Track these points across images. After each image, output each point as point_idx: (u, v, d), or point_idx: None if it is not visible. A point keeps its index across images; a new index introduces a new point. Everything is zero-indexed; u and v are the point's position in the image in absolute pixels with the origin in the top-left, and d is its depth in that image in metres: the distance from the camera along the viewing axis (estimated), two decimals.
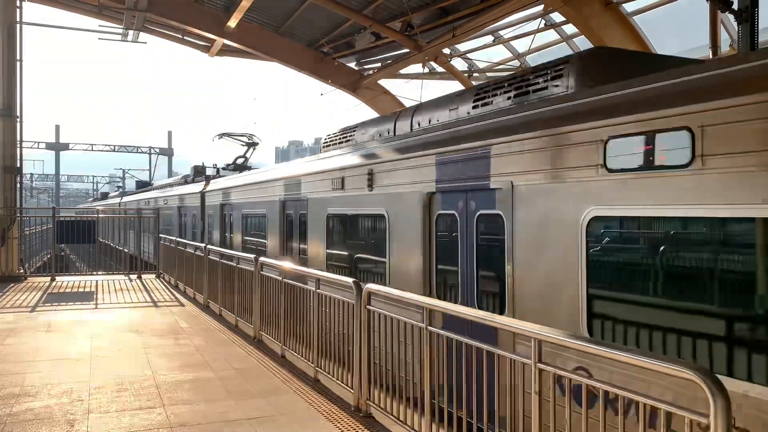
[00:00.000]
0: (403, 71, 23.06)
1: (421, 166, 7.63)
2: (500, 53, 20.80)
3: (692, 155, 4.29)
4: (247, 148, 22.60)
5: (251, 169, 20.56)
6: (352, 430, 5.51)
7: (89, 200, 71.57)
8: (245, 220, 15.68)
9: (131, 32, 22.64)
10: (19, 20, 17.63)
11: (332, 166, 10.35)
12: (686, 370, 2.86)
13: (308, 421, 5.74)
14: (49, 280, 16.64)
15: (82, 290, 14.85)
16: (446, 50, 20.57)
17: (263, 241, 14.05)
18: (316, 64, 24.28)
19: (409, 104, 24.28)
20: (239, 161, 22.47)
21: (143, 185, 43.37)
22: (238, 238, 16.23)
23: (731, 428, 2.73)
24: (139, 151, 67.44)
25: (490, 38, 19.84)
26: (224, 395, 6.51)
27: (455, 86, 21.91)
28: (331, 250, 10.43)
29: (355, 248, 9.68)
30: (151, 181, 49.36)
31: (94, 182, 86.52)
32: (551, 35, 18.40)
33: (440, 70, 21.56)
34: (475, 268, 6.80)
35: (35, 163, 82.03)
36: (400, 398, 5.47)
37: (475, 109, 7.54)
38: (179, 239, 16.07)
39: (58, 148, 66.82)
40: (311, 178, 11.27)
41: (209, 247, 12.58)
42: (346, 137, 11.33)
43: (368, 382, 5.86)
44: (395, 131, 9.48)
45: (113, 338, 9.35)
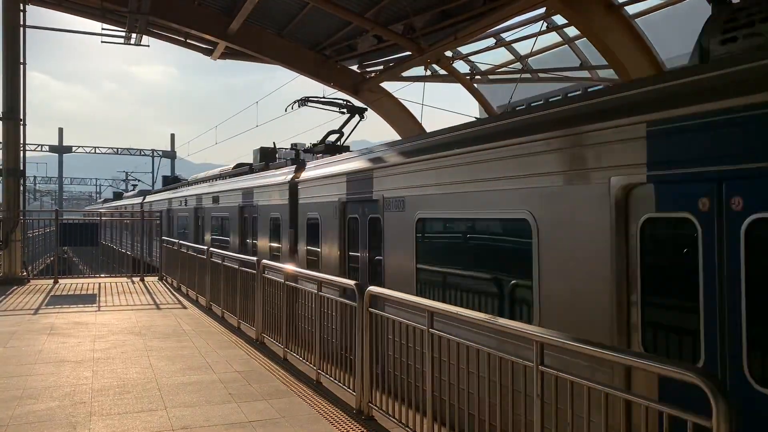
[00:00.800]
0: (405, 74, 23.04)
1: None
2: (503, 56, 20.78)
3: None
4: (348, 117, 15.73)
5: (348, 150, 13.60)
6: None
7: (99, 201, 67.73)
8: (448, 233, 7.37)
9: (134, 35, 22.67)
10: (22, 23, 17.69)
11: None
12: (689, 373, 2.86)
13: (310, 423, 5.74)
14: (51, 282, 16.67)
15: (84, 293, 14.87)
16: (448, 53, 20.54)
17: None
18: (317, 66, 24.28)
19: (410, 107, 24.34)
20: (331, 138, 15.50)
21: (172, 181, 37.42)
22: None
23: None
24: (142, 153, 67.57)
25: (492, 41, 19.82)
26: (226, 398, 6.51)
27: (458, 88, 21.91)
28: None
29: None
30: (175, 176, 42.40)
31: (97, 185, 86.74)
32: (554, 38, 18.40)
33: (442, 72, 21.54)
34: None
35: (38, 165, 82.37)
36: (402, 401, 5.47)
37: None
38: (181, 241, 16.03)
39: (61, 150, 66.93)
40: None
41: (211, 249, 12.59)
42: None
43: (370, 384, 5.86)
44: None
45: (115, 340, 9.36)
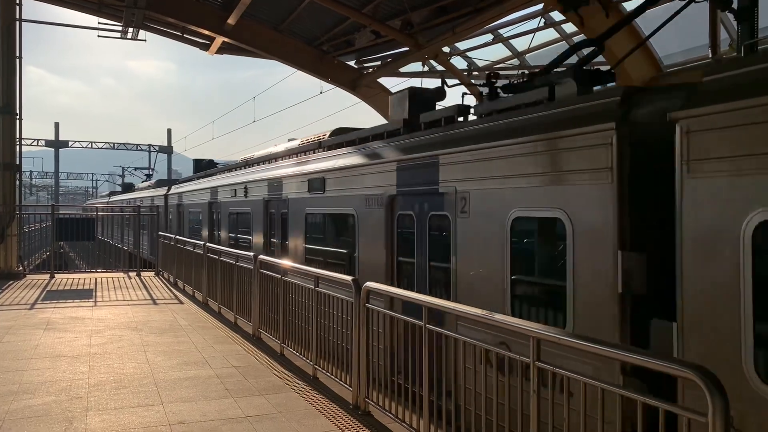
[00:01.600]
0: (402, 69, 23.02)
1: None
2: (500, 51, 20.78)
3: None
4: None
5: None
6: (350, 427, 5.51)
7: (104, 194, 62.81)
8: None
9: (131, 29, 22.59)
10: (18, 17, 17.62)
11: None
12: (685, 369, 2.86)
13: (307, 418, 5.74)
14: (48, 277, 16.64)
15: (81, 288, 14.85)
16: (446, 48, 20.52)
17: None
18: (315, 61, 24.23)
19: None
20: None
21: (208, 165, 25.64)
22: None
23: (730, 428, 2.73)
24: (138, 148, 67.34)
25: (489, 36, 19.81)
26: (223, 393, 6.51)
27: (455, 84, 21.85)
28: None
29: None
30: (209, 160, 27.98)
31: (93, 180, 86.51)
32: (551, 33, 18.39)
33: (440, 68, 21.52)
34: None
35: (34, 160, 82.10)
36: (398, 396, 5.48)
37: None
38: (177, 236, 16.01)
39: (57, 145, 66.70)
40: None
41: (208, 244, 12.58)
42: None
43: (367, 380, 5.86)
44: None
45: (112, 335, 9.35)
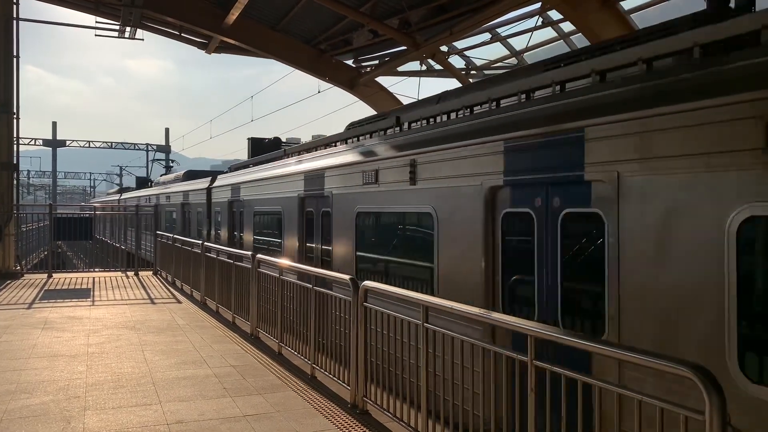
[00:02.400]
0: (400, 68, 23.04)
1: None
2: (498, 51, 20.81)
3: None
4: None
5: None
6: (348, 426, 5.52)
7: (112, 191, 56.33)
8: None
9: (128, 28, 22.58)
10: (15, 16, 17.58)
11: None
12: (682, 367, 2.87)
13: (305, 417, 5.74)
14: (45, 276, 16.62)
15: (79, 287, 14.83)
16: (444, 47, 20.55)
17: None
18: (313, 61, 24.25)
19: (406, 102, 24.30)
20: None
21: (273, 146, 20.15)
22: None
23: (726, 426, 2.73)
24: (136, 148, 67.32)
25: (487, 35, 19.83)
26: (221, 392, 6.51)
27: (453, 83, 21.93)
28: None
29: None
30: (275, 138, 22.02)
31: (91, 179, 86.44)
32: (549, 33, 18.42)
33: (438, 67, 21.55)
34: None
35: (32, 159, 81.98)
36: (396, 395, 5.48)
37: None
38: (176, 236, 16.02)
39: (54, 144, 66.64)
40: None
41: (206, 244, 12.58)
42: None
43: (365, 378, 5.87)
44: None
45: (110, 335, 9.34)
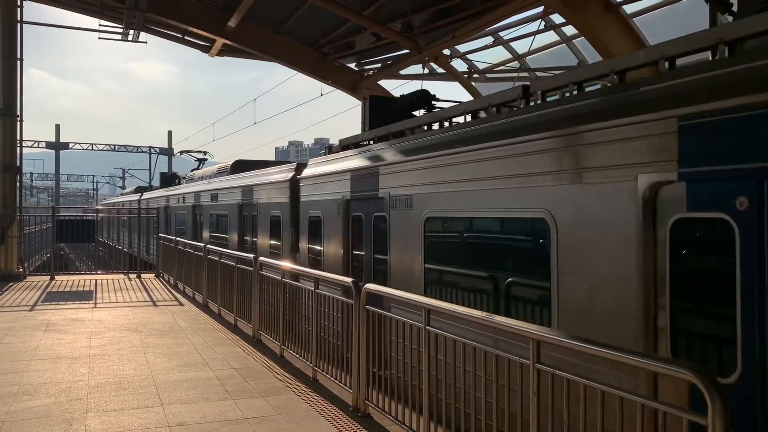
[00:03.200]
0: (403, 72, 23.05)
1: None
2: (500, 54, 20.82)
3: None
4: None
5: None
6: (350, 429, 5.51)
7: (127, 191, 44.69)
8: None
9: (132, 32, 22.63)
10: (19, 19, 17.64)
11: None
12: (685, 370, 2.86)
13: (307, 420, 5.74)
14: (48, 279, 16.65)
15: (81, 289, 14.85)
16: (446, 51, 20.56)
17: None
18: (316, 64, 24.28)
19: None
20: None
21: (417, 102, 10.65)
22: None
23: (729, 429, 2.73)
24: (139, 150, 67.40)
25: (490, 39, 19.84)
26: (223, 395, 6.51)
27: (455, 87, 21.94)
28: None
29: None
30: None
31: (93, 182, 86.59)
32: (551, 36, 18.42)
33: (440, 70, 21.55)
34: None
35: (35, 162, 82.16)
36: (398, 398, 5.47)
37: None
38: (178, 238, 16.03)
39: (57, 147, 66.77)
40: None
41: (208, 246, 12.59)
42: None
43: (366, 382, 5.86)
44: None
45: (112, 337, 9.35)
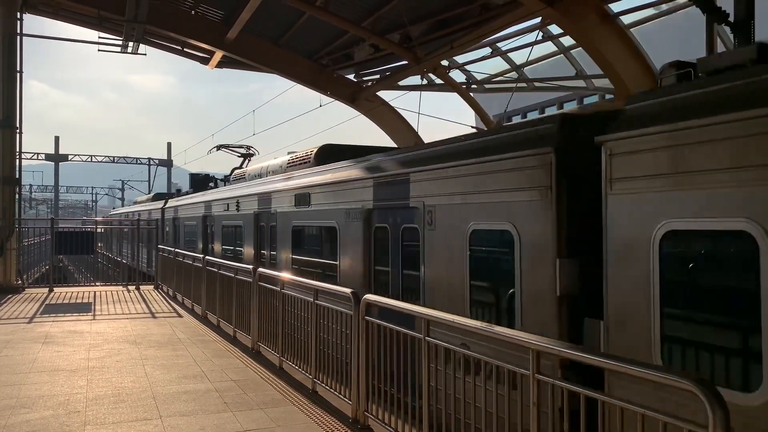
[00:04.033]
0: (401, 83, 23.13)
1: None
2: (498, 65, 20.89)
3: None
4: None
5: None
6: None
7: (142, 198, 37.57)
8: None
9: (131, 44, 22.71)
10: (19, 32, 17.71)
11: None
12: (685, 381, 2.86)
13: None
14: (47, 291, 16.60)
15: (80, 301, 14.81)
16: (444, 62, 20.63)
17: None
18: (315, 75, 24.35)
19: (407, 116, 24.37)
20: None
21: None
22: None
23: None
24: (138, 162, 67.45)
25: (488, 50, 19.93)
26: (222, 407, 6.48)
27: (454, 98, 22.00)
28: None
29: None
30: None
31: (93, 193, 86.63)
32: (549, 47, 18.50)
33: (439, 81, 21.62)
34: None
35: (34, 174, 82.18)
36: (398, 410, 5.45)
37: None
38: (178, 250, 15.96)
39: (57, 159, 66.81)
40: None
41: (207, 258, 12.56)
42: None
43: (366, 393, 5.83)
44: None
45: (110, 349, 9.31)
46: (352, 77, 25.06)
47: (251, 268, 9.43)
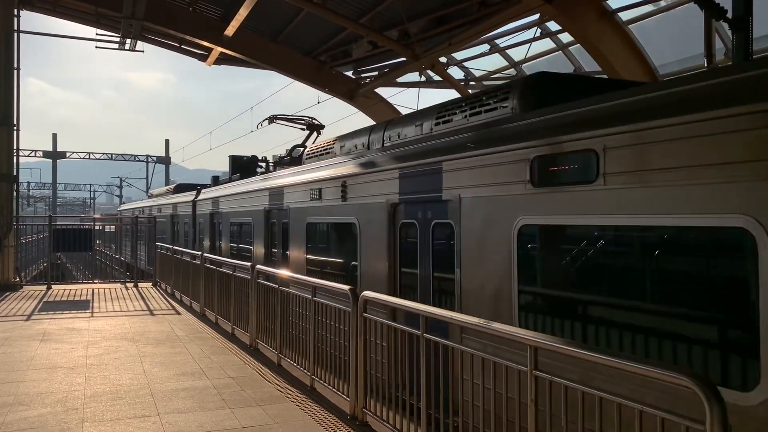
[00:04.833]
0: (399, 80, 23.12)
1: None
2: (497, 62, 20.88)
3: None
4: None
5: None
6: None
7: (160, 190, 32.31)
8: None
9: (128, 40, 22.67)
10: (16, 29, 17.66)
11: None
12: (682, 376, 2.86)
13: (304, 429, 5.71)
14: (44, 288, 16.59)
15: (78, 299, 14.80)
16: (443, 59, 20.63)
17: None
18: (313, 72, 24.34)
19: (405, 113, 24.32)
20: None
21: None
22: None
23: None
24: (136, 159, 67.39)
25: (486, 47, 19.91)
26: (220, 404, 6.48)
27: (452, 94, 21.99)
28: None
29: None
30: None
31: (91, 190, 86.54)
32: (548, 44, 18.49)
33: (437, 78, 21.61)
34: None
35: (32, 171, 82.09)
36: (396, 406, 5.45)
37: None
38: (176, 247, 15.98)
39: (54, 156, 66.72)
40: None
41: (205, 255, 12.56)
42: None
43: (364, 390, 5.84)
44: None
45: (108, 346, 9.31)
46: (350, 74, 25.05)
47: (249, 265, 9.43)
